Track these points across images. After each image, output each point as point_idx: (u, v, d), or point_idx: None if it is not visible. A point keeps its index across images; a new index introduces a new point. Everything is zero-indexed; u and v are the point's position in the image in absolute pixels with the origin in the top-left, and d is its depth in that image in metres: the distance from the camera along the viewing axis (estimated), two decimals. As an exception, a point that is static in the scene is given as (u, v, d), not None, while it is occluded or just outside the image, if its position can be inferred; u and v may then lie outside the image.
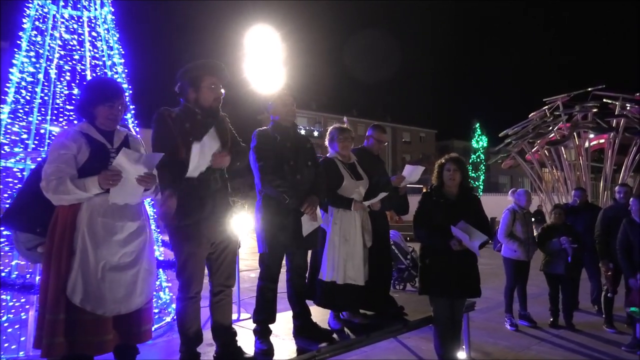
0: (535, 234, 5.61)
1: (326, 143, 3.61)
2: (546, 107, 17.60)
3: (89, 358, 2.32)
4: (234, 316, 5.07)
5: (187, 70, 2.69)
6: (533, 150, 17.94)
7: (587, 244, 5.39)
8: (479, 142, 28.11)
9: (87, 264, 2.18)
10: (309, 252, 3.36)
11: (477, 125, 28.44)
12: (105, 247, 2.22)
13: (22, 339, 4.51)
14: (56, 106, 5.03)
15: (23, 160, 5.08)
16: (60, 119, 5.00)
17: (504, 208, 5.69)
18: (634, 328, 4.42)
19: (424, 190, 3.86)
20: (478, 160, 29.86)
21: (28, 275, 4.66)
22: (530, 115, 18.10)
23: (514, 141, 17.70)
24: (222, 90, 2.75)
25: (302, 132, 3.66)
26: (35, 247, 2.61)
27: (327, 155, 3.56)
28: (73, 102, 5.07)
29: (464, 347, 4.19)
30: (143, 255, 2.38)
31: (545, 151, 17.80)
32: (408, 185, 3.96)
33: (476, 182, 28.75)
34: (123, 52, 5.60)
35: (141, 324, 2.37)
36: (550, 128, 17.02)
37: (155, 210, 4.89)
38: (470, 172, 26.17)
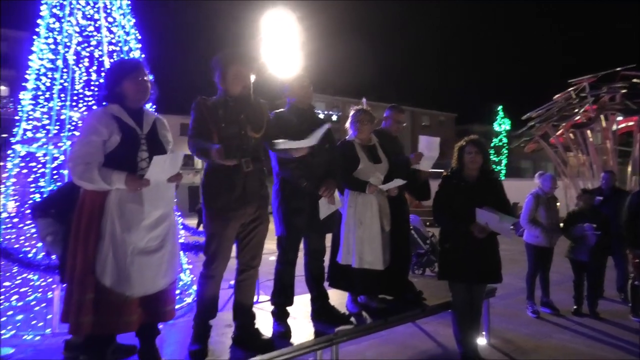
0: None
1: (347, 125, 3.55)
2: (571, 88, 17.03)
3: (112, 335, 2.40)
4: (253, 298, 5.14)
5: (215, 59, 2.76)
6: (557, 134, 17.45)
7: (614, 230, 5.22)
8: (501, 125, 27.41)
9: (116, 248, 2.22)
10: (328, 235, 3.34)
11: (500, 108, 27.70)
12: (134, 232, 2.26)
13: (49, 317, 4.65)
14: (75, 92, 5.08)
15: (45, 146, 5.17)
16: (80, 105, 5.05)
17: (527, 193, 5.54)
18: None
19: (444, 174, 3.77)
20: (500, 144, 29.25)
21: (53, 257, 4.77)
22: (554, 97, 17.55)
23: (538, 124, 17.24)
24: (252, 78, 2.78)
25: (321, 116, 3.61)
26: (47, 236, 2.66)
27: (347, 137, 3.50)
28: (92, 88, 5.13)
29: (483, 333, 4.14)
30: (168, 239, 2.42)
31: (571, 134, 17.29)
32: (430, 170, 3.85)
33: (498, 167, 28.19)
34: (140, 38, 5.61)
35: (165, 304, 2.42)
36: (576, 110, 16.50)
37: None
38: (492, 157, 25.70)
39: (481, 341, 3.94)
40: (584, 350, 4.06)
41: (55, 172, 5.31)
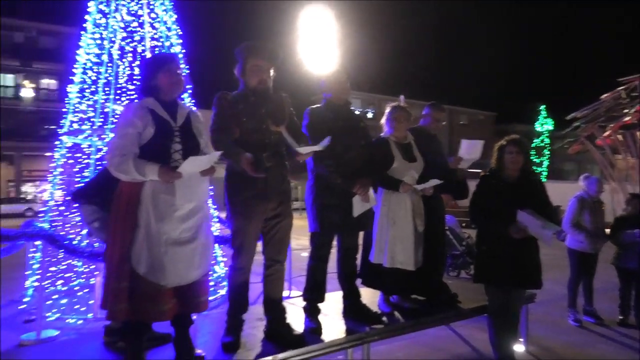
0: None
1: (382, 122, 3.49)
2: (621, 87, 16.18)
3: (149, 323, 2.45)
4: (285, 293, 5.17)
5: (237, 51, 2.76)
6: (605, 135, 16.64)
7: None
8: (543, 125, 26.34)
9: (151, 238, 2.27)
10: (361, 233, 3.30)
11: (543, 107, 26.63)
12: (167, 222, 2.30)
13: (91, 302, 4.85)
14: (119, 86, 5.25)
15: (90, 137, 5.38)
16: (123, 98, 5.22)
17: (570, 196, 5.30)
18: None
19: (482, 174, 3.65)
20: (542, 144, 28.15)
21: (96, 244, 4.97)
22: (602, 97, 16.73)
23: (583, 124, 16.50)
24: (271, 72, 2.75)
25: (357, 112, 3.55)
26: (93, 222, 2.77)
27: (382, 134, 3.45)
28: (135, 82, 5.28)
29: (521, 339, 3.99)
30: (201, 230, 2.44)
31: (619, 136, 16.44)
32: (468, 170, 3.75)
33: (539, 168, 27.16)
34: (181, 33, 5.73)
35: (198, 295, 2.45)
36: (626, 110, 15.67)
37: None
38: (532, 158, 24.81)
39: (519, 348, 3.80)
40: (629, 363, 3.85)
41: (98, 163, 5.52)
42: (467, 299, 3.75)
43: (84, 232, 5.38)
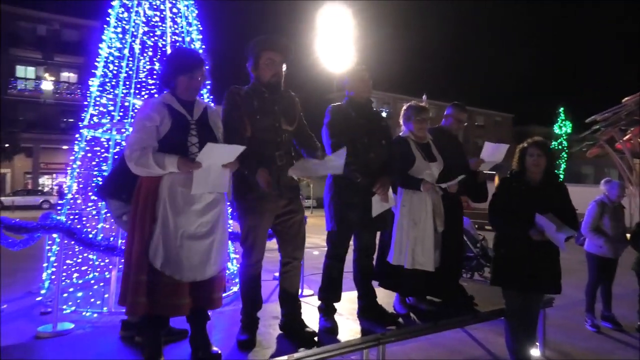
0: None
1: (400, 121, 3.45)
2: (644, 91, 15.84)
3: (166, 318, 2.47)
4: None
5: (249, 46, 2.72)
6: (625, 139, 16.31)
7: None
8: (562, 127, 25.88)
9: (167, 231, 2.28)
10: (378, 233, 3.28)
11: (562, 109, 26.17)
12: (184, 216, 2.30)
13: (106, 296, 4.90)
14: (139, 80, 5.29)
15: (109, 131, 5.43)
16: (143, 93, 5.26)
17: (587, 200, 5.20)
18: None
19: (496, 177, 3.61)
20: (560, 147, 27.68)
21: (112, 238, 5.02)
22: (623, 100, 16.38)
23: (603, 128, 16.19)
24: (284, 66, 2.73)
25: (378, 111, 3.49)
26: (122, 215, 2.80)
27: (401, 134, 3.41)
28: (155, 75, 5.32)
29: (537, 344, 3.93)
30: (218, 226, 2.44)
31: (639, 140, 16.11)
32: (485, 172, 3.71)
33: (556, 171, 26.69)
34: (201, 29, 5.74)
35: (214, 291, 2.45)
36: (648, 115, 15.33)
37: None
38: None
39: (535, 352, 3.74)
40: (650, 372, 3.77)
41: (116, 157, 5.57)
42: (483, 302, 3.70)
43: (100, 225, 5.45)
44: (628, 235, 5.07)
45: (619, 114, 15.96)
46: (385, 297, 3.48)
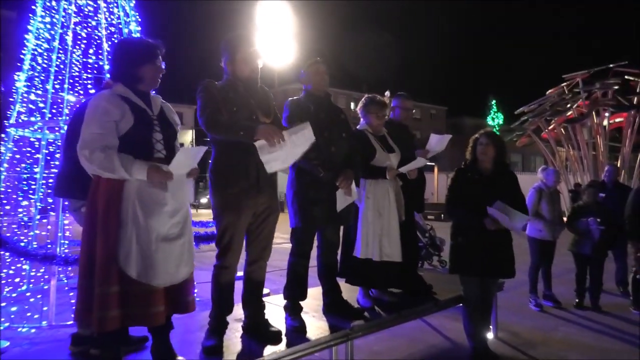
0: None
1: (358, 110, 3.45)
2: (565, 84, 17.16)
3: (125, 328, 2.31)
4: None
5: (225, 42, 2.64)
6: (549, 128, 17.59)
7: (617, 224, 5.22)
8: (495, 119, 27.45)
9: (140, 235, 2.11)
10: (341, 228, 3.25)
11: (493, 102, 27.73)
12: (156, 217, 2.15)
13: (45, 308, 4.50)
14: (72, 74, 4.89)
15: (40, 130, 4.98)
16: (77, 88, 4.86)
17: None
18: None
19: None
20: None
21: (49, 246, 4.62)
22: (547, 92, 17.66)
23: (531, 118, 17.35)
24: (260, 62, 2.67)
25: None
26: (79, 208, 2.58)
27: (358, 126, 3.40)
28: (91, 71, 4.94)
29: (490, 327, 4.11)
30: (187, 225, 2.32)
31: (562, 129, 17.44)
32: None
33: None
34: (140, 20, 5.41)
35: (188, 293, 2.33)
36: (569, 105, 16.63)
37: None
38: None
39: (489, 335, 3.91)
40: (591, 343, 4.06)
41: (49, 157, 5.12)
42: (441, 290, 3.80)
43: (32, 233, 5.01)
44: (564, 219, 5.47)
45: (544, 105, 17.17)
46: (348, 292, 3.47)
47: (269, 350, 2.54)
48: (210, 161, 2.63)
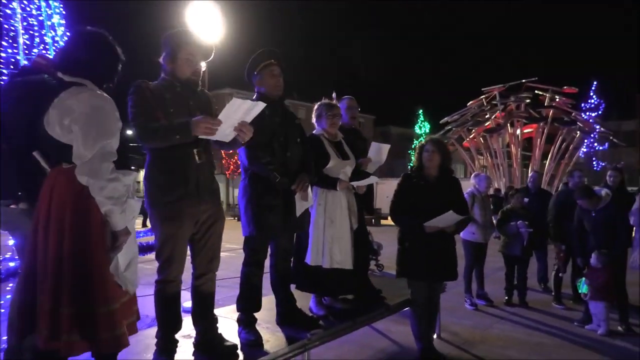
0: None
1: (313, 120, 3.40)
2: (483, 96, 18.48)
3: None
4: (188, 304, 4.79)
5: (167, 37, 2.45)
6: (470, 137, 18.82)
7: (539, 227, 5.65)
8: (422, 128, 28.76)
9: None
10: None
11: (421, 111, 29.04)
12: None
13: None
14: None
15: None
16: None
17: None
18: (585, 305, 4.70)
19: (404, 173, 3.79)
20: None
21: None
22: (468, 104, 18.92)
23: (454, 128, 18.45)
24: (202, 64, 2.51)
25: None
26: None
27: (313, 132, 3.35)
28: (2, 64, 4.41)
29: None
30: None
31: (481, 138, 18.75)
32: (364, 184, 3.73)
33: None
34: (64, 13, 4.96)
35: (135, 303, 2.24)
36: (487, 116, 17.92)
37: None
38: (412, 158, 26.81)
39: (433, 336, 4.01)
40: (525, 338, 4.33)
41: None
42: (387, 294, 3.82)
43: None
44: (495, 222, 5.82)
45: (466, 115, 18.36)
46: (300, 300, 3.39)
47: (224, 365, 2.39)
48: (144, 168, 2.44)
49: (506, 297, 5.62)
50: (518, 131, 17.92)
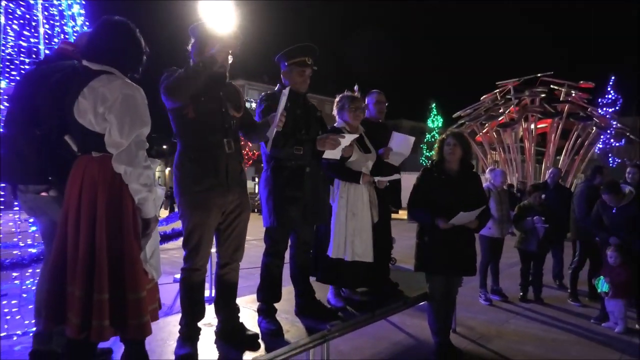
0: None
1: (334, 112, 3.39)
2: (497, 90, 18.25)
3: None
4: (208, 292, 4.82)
5: (195, 27, 2.45)
6: (483, 132, 18.63)
7: (557, 222, 5.60)
8: (435, 122, 28.44)
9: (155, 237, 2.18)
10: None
11: (433, 105, 28.70)
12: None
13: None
14: (5, 57, 4.39)
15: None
16: (13, 72, 4.37)
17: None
18: (601, 302, 4.66)
19: (424, 167, 3.77)
20: (433, 140, 30.36)
21: None
22: (482, 98, 18.70)
23: (467, 122, 18.26)
24: (229, 58, 2.52)
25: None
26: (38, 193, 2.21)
27: (335, 124, 3.34)
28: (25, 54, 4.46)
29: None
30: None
31: (494, 133, 18.54)
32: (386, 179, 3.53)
33: (428, 161, 29.19)
34: (84, 3, 4.97)
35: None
36: (501, 111, 17.70)
37: None
38: (424, 152, 26.57)
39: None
40: (541, 334, 4.31)
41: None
42: (404, 288, 3.82)
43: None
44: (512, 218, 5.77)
45: (479, 110, 18.15)
46: (318, 291, 3.40)
47: (248, 355, 2.42)
48: (175, 156, 2.45)
49: (521, 293, 5.58)
50: (532, 126, 17.69)
